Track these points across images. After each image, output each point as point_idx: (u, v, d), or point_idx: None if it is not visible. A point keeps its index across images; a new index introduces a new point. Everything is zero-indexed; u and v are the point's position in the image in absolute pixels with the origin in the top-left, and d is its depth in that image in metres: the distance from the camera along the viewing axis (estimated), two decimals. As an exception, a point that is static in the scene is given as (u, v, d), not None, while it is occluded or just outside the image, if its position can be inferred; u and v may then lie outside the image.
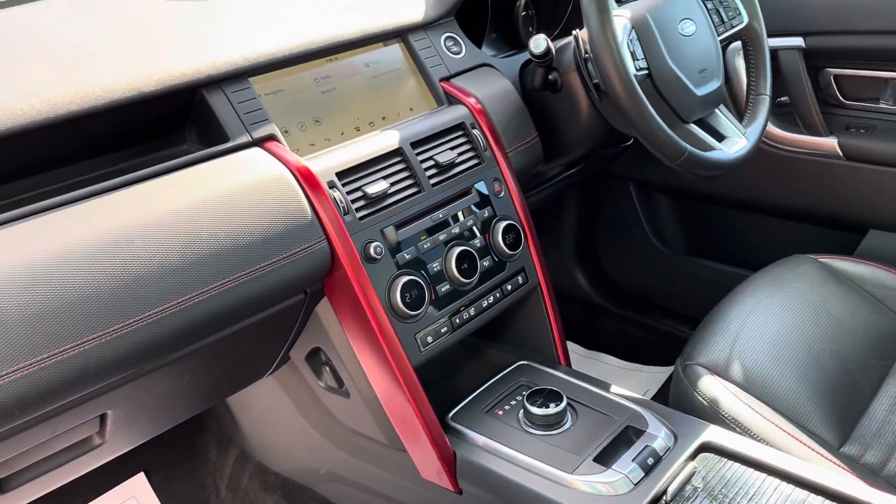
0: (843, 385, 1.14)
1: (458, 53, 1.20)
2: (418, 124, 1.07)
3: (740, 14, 1.29)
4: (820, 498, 0.88)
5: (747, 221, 1.74)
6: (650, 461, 0.94)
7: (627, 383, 1.82)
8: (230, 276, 0.82)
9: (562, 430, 1.00)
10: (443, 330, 1.02)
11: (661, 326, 1.87)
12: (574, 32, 1.17)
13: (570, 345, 1.86)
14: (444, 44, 1.19)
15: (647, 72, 1.11)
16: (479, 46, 1.30)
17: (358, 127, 1.06)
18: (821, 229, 1.61)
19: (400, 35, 1.15)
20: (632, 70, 1.05)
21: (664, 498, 0.90)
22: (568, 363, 1.19)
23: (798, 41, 1.48)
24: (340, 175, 0.96)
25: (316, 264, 0.90)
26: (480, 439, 1.01)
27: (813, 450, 1.02)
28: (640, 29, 1.12)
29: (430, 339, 1.00)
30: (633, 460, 0.93)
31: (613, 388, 1.09)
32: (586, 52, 1.13)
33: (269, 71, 0.99)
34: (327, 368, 1.06)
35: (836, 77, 1.51)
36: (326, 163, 0.96)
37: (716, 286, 1.73)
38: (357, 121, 1.07)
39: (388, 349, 0.95)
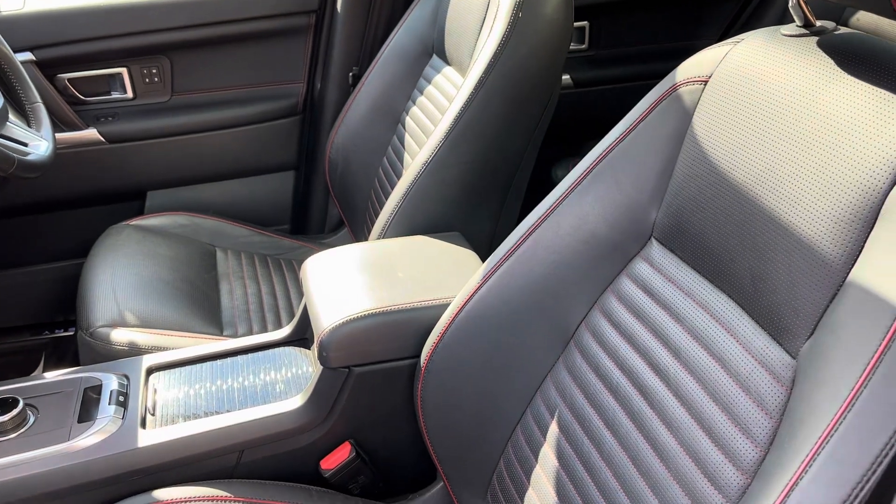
0: (198, 295, 1.53)
1: None
2: None
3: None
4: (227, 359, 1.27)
5: (51, 220, 1.90)
6: (121, 399, 1.15)
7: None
8: None
9: (32, 423, 1.10)
10: None
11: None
12: None
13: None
14: None
15: None
16: None
17: None
18: (118, 205, 1.92)
19: None
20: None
21: (147, 414, 1.13)
22: None
23: (29, 55, 1.70)
24: None
25: None
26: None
27: (212, 339, 1.39)
28: None
29: None
30: (109, 404, 1.13)
31: (47, 375, 1.21)
32: None
33: None
34: None
35: (70, 80, 1.80)
36: None
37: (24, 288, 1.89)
38: None
39: None
